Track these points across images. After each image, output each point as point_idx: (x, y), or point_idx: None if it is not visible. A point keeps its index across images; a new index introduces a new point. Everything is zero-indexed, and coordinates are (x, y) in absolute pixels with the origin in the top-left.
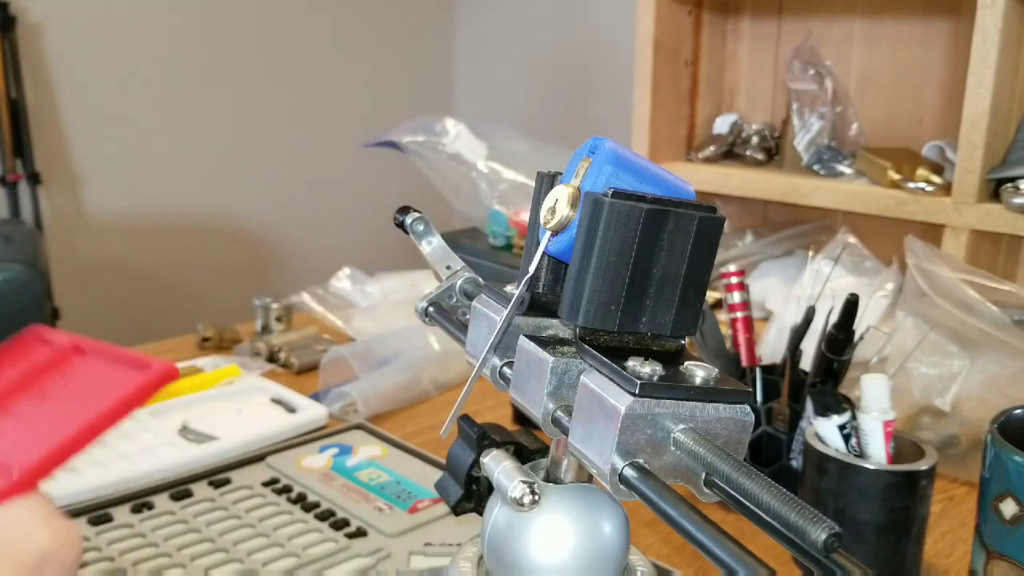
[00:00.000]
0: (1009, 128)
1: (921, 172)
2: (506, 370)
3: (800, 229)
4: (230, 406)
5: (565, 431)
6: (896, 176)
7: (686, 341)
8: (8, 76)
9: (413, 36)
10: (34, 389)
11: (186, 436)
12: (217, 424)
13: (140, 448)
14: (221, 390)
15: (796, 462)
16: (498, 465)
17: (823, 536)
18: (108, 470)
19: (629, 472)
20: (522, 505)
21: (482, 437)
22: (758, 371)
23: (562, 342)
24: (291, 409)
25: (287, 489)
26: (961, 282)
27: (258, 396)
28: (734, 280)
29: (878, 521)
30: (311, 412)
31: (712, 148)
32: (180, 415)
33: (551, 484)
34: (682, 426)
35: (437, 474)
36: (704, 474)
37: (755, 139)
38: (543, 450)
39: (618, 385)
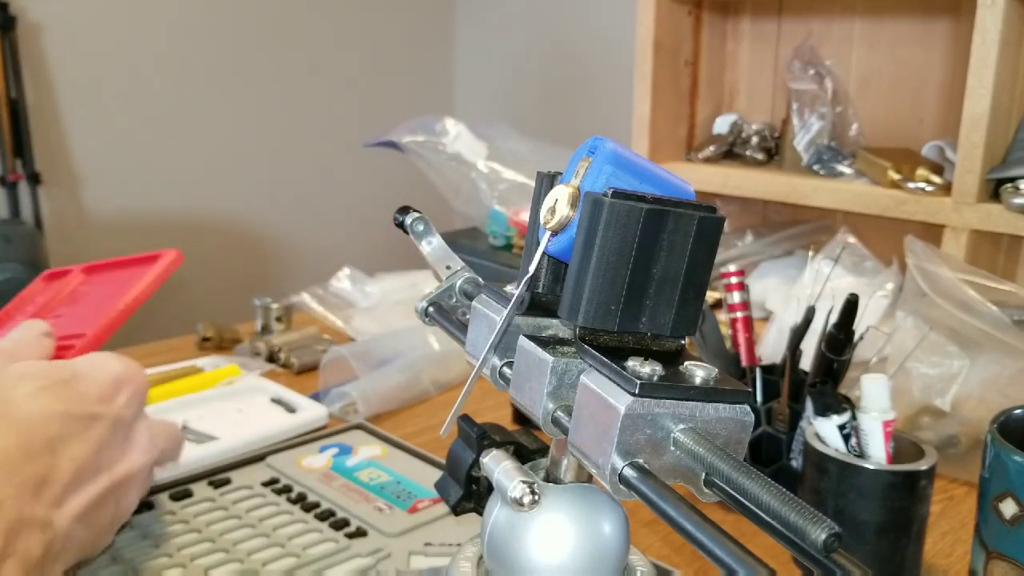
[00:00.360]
0: (1009, 128)
1: (921, 172)
2: (506, 370)
3: (800, 229)
4: (230, 406)
5: (565, 431)
6: (896, 176)
7: (686, 341)
8: (8, 76)
9: (413, 36)
10: (67, 299)
11: (186, 436)
12: (217, 424)
13: None
14: (221, 390)
15: (796, 462)
16: (498, 465)
17: (823, 536)
18: None
19: (629, 472)
20: (522, 505)
21: (482, 437)
22: (758, 371)
23: (562, 342)
24: (291, 409)
25: (287, 489)
26: (961, 282)
27: (258, 396)
28: (734, 280)
29: (878, 521)
30: (311, 412)
31: (712, 148)
32: (180, 415)
33: (551, 484)
34: (682, 426)
35: (437, 474)
36: (704, 474)
37: (755, 139)
38: (543, 450)
39: (618, 385)
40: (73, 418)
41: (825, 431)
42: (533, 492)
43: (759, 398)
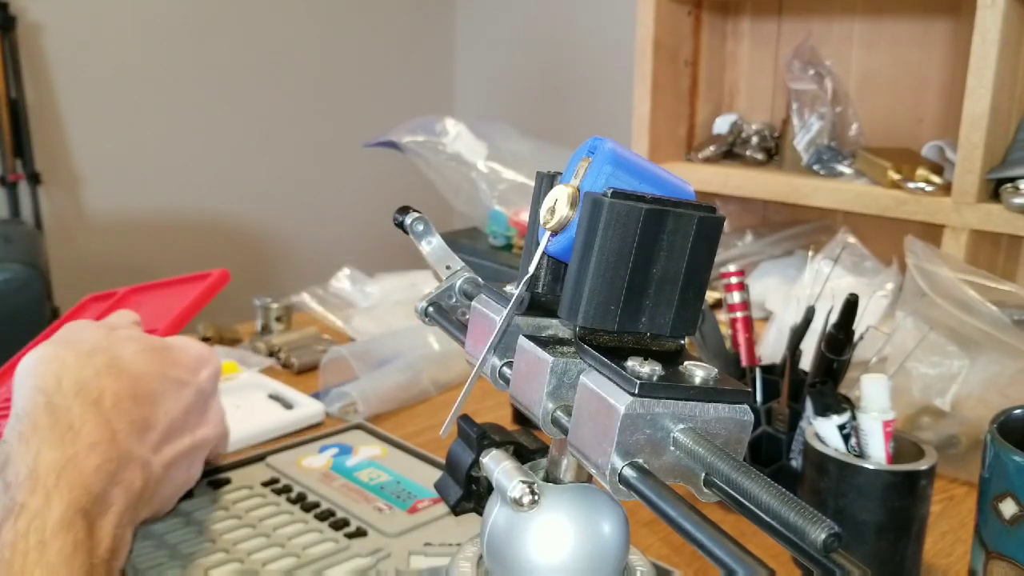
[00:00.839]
0: (1009, 128)
1: (921, 172)
2: (506, 370)
3: (800, 229)
4: (228, 402)
5: (565, 431)
6: (896, 176)
7: (686, 341)
8: (8, 76)
9: (413, 36)
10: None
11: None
12: None
13: None
14: (221, 386)
15: (796, 462)
16: (498, 465)
17: (822, 536)
18: None
19: (628, 472)
20: (522, 505)
21: (482, 437)
22: (758, 371)
23: (562, 342)
24: (288, 405)
25: (287, 489)
26: (961, 282)
27: (256, 392)
28: (734, 280)
29: (878, 521)
30: (308, 409)
31: (712, 148)
32: None
33: (551, 484)
34: (682, 426)
35: (437, 474)
36: (704, 474)
37: (755, 139)
38: (543, 450)
39: (617, 385)
40: (168, 379)
41: (825, 431)
42: (533, 492)
43: (759, 398)
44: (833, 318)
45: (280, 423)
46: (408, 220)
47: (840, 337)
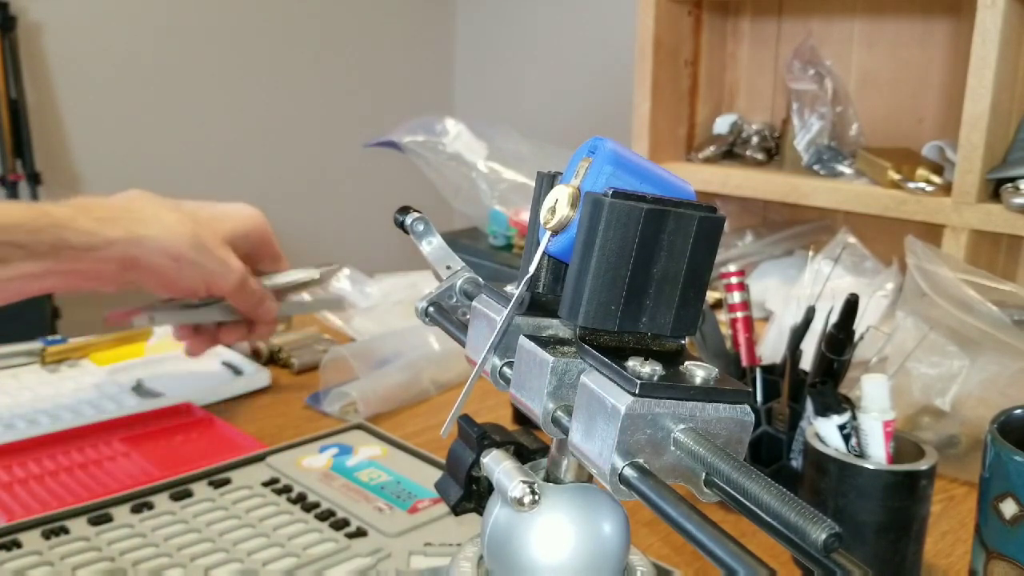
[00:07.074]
0: (1009, 128)
1: (921, 172)
2: (506, 370)
3: (800, 229)
4: (183, 367)
5: (565, 431)
6: (896, 176)
7: (686, 341)
8: (8, 76)
9: (413, 36)
10: None
11: (139, 393)
12: (167, 383)
13: (102, 396)
14: (177, 353)
15: (796, 462)
16: (498, 465)
17: (823, 536)
18: None
19: (629, 472)
20: (522, 505)
21: (482, 437)
22: (758, 371)
23: (562, 342)
24: (238, 371)
25: (287, 489)
26: (961, 282)
27: (211, 359)
28: (734, 280)
29: (878, 521)
30: (256, 376)
31: (712, 148)
32: (139, 373)
33: (551, 484)
34: (682, 426)
35: (437, 474)
36: (704, 474)
37: (755, 139)
38: (543, 450)
39: (618, 385)
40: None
41: (825, 431)
42: (533, 492)
43: (759, 398)
44: (833, 318)
45: (226, 387)
46: (408, 220)
47: (840, 337)
